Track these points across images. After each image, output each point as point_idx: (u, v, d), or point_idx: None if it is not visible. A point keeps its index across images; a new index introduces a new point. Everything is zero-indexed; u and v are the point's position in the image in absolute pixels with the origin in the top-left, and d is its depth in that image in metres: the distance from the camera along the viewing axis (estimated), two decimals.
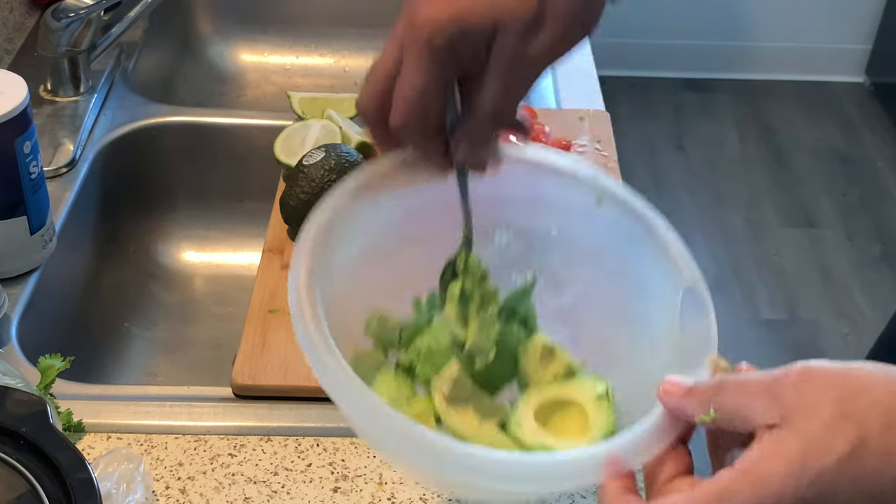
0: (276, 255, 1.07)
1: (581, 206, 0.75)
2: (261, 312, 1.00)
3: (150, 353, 1.25)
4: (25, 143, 0.99)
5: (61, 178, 1.20)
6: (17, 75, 1.01)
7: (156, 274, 1.34)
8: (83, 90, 1.30)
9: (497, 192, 0.74)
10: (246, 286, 1.23)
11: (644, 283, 0.73)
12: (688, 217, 2.87)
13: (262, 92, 1.63)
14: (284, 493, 0.86)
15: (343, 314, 0.69)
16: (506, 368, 0.74)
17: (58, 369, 0.89)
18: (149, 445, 0.89)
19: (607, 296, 0.76)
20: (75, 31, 1.25)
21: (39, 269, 1.07)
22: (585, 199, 0.75)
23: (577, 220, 0.76)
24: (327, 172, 1.08)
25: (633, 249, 0.74)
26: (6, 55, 1.37)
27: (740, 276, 2.71)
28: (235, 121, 1.34)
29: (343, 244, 0.70)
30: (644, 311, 0.73)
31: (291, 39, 1.67)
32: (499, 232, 0.76)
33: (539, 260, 0.77)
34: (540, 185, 0.75)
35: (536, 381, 0.73)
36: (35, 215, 1.03)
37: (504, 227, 0.76)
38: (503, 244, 0.77)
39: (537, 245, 0.77)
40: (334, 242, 0.69)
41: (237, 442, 0.90)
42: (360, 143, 1.18)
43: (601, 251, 0.75)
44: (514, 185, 0.74)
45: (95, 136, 1.27)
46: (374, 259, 0.73)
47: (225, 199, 1.37)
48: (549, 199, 0.76)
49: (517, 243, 0.77)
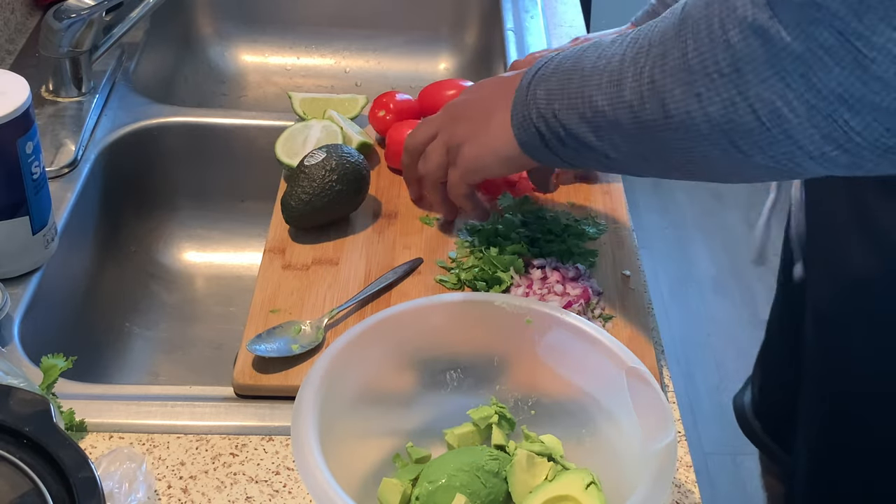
0: (277, 255, 1.07)
1: (515, 328, 0.88)
2: (262, 312, 1.00)
3: (151, 352, 1.25)
4: (27, 143, 0.99)
5: (63, 179, 1.20)
6: (19, 76, 1.01)
7: (157, 274, 1.34)
8: (85, 91, 1.30)
9: (443, 337, 0.88)
10: (247, 286, 1.23)
11: (591, 373, 0.84)
12: (687, 217, 2.87)
13: (263, 92, 1.63)
14: (286, 492, 0.86)
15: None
16: (502, 490, 0.84)
17: (60, 369, 0.89)
18: (151, 445, 0.90)
19: (564, 395, 0.87)
20: (77, 31, 1.25)
21: (41, 270, 1.07)
22: (517, 322, 0.88)
23: (512, 342, 0.88)
24: (328, 173, 1.08)
25: (569, 351, 0.86)
26: (8, 56, 1.37)
27: (740, 276, 2.71)
28: (236, 121, 1.34)
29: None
30: (599, 399, 0.84)
31: (292, 40, 1.67)
32: (449, 374, 0.88)
33: (489, 388, 0.89)
34: (476, 321, 0.88)
35: (530, 488, 0.83)
36: (37, 215, 1.04)
37: (452, 370, 0.88)
38: (454, 383, 0.89)
39: (485, 375, 0.89)
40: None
41: (239, 441, 0.90)
42: (361, 144, 1.19)
43: (540, 364, 0.88)
44: (455, 327, 0.88)
45: (97, 137, 1.27)
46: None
47: (226, 199, 1.37)
48: (489, 331, 0.88)
49: (467, 379, 0.89)
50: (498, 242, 1.06)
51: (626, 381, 0.81)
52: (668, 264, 2.75)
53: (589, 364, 0.84)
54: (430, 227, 1.11)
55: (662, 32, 0.81)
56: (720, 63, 0.75)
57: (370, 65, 1.66)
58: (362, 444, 0.84)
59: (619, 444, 0.82)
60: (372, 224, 1.12)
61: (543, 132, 0.92)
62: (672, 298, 2.65)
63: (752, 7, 0.72)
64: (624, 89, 0.83)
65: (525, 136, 0.94)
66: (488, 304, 0.88)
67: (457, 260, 1.07)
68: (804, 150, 0.74)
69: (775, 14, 0.71)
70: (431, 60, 1.67)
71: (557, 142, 0.91)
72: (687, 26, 0.77)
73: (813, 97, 0.71)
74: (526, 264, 1.05)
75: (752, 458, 2.24)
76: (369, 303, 1.02)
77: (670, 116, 0.79)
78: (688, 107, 0.78)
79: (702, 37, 0.76)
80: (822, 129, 0.72)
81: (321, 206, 1.08)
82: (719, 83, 0.75)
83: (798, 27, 0.70)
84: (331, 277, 1.05)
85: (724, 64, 0.74)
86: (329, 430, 0.78)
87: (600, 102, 0.85)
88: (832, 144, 0.72)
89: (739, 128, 0.75)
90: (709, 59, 0.75)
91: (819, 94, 0.71)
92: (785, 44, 0.70)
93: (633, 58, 0.83)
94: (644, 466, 0.76)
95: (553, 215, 1.12)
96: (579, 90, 0.87)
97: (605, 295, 1.03)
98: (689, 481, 0.89)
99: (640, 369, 0.81)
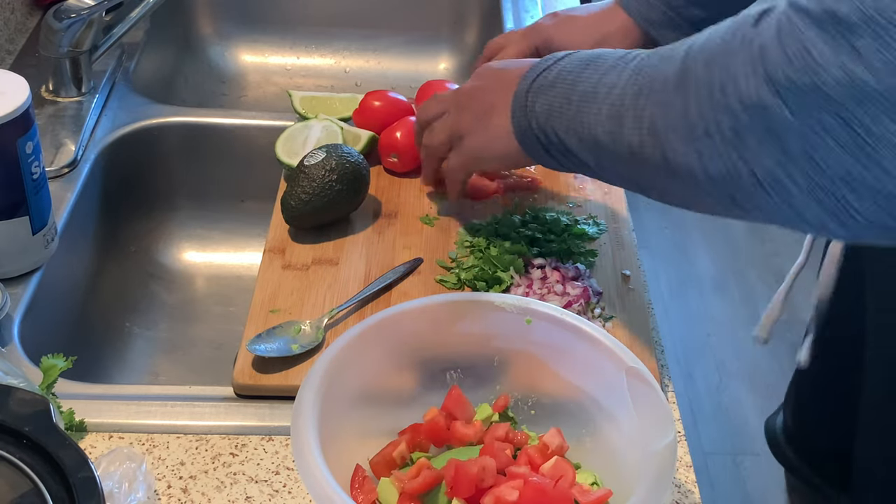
0: (277, 255, 1.07)
1: (514, 328, 0.88)
2: (262, 312, 1.00)
3: (151, 352, 1.25)
4: (27, 143, 0.99)
5: (63, 179, 1.20)
6: (19, 76, 1.01)
7: (157, 274, 1.34)
8: (85, 91, 1.30)
9: (443, 337, 0.88)
10: (247, 286, 1.23)
11: (592, 373, 0.84)
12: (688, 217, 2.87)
13: (263, 92, 1.63)
14: (286, 492, 0.86)
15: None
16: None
17: (60, 369, 0.89)
18: (150, 445, 0.90)
19: (564, 395, 0.87)
20: (77, 31, 1.25)
21: (41, 269, 1.07)
22: (517, 322, 0.88)
23: (512, 342, 0.88)
24: (328, 173, 1.08)
25: (569, 351, 0.86)
26: (8, 56, 1.37)
27: (740, 276, 2.71)
28: (236, 121, 1.34)
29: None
30: (599, 399, 0.84)
31: (292, 40, 1.67)
32: (449, 374, 0.88)
33: (489, 388, 0.89)
34: (476, 321, 0.88)
35: None
36: (37, 215, 1.04)
37: (452, 370, 0.88)
38: (454, 383, 0.88)
39: (485, 375, 0.89)
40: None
41: (238, 441, 0.90)
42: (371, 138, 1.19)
43: (540, 364, 0.88)
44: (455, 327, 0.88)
45: (97, 137, 1.27)
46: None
47: (226, 199, 1.37)
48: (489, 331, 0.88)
49: (467, 379, 0.89)
50: (498, 242, 1.06)
51: (626, 381, 0.81)
52: (668, 264, 2.75)
53: (589, 364, 0.84)
54: (430, 227, 1.11)
55: (664, 79, 0.79)
56: (722, 126, 0.73)
57: (370, 65, 1.66)
58: (362, 444, 0.84)
59: (619, 444, 0.82)
60: (372, 224, 1.12)
61: (544, 142, 0.92)
62: (672, 298, 2.65)
63: (755, 82, 0.70)
64: (624, 127, 0.82)
65: (527, 141, 0.94)
66: (488, 304, 0.88)
67: (457, 260, 1.07)
68: (804, 219, 0.72)
69: (778, 93, 0.69)
70: (431, 60, 1.67)
71: (559, 153, 0.92)
72: (689, 82, 0.76)
73: (815, 174, 0.69)
74: (526, 264, 1.05)
75: (753, 458, 2.25)
76: (369, 303, 1.02)
77: (670, 165, 0.79)
78: (688, 161, 0.77)
79: (703, 97, 0.74)
80: (824, 204, 0.70)
81: (321, 206, 1.08)
82: (720, 145, 0.74)
83: (801, 109, 0.68)
84: (331, 277, 1.05)
85: (725, 127, 0.73)
86: (329, 430, 0.78)
87: (600, 134, 0.85)
88: (833, 219, 0.71)
89: (740, 189, 0.74)
90: (710, 120, 0.74)
91: (822, 172, 0.69)
92: (788, 122, 0.69)
93: (634, 96, 0.82)
94: (644, 466, 0.76)
95: (553, 215, 1.12)
96: (577, 116, 0.87)
97: (605, 295, 1.03)
98: (689, 481, 0.89)
99: (640, 369, 0.81)
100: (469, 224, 1.10)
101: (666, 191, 0.83)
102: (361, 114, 1.22)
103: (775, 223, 0.76)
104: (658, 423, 0.78)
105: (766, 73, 0.69)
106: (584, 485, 0.81)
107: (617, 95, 0.83)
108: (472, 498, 0.78)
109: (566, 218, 1.12)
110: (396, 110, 1.21)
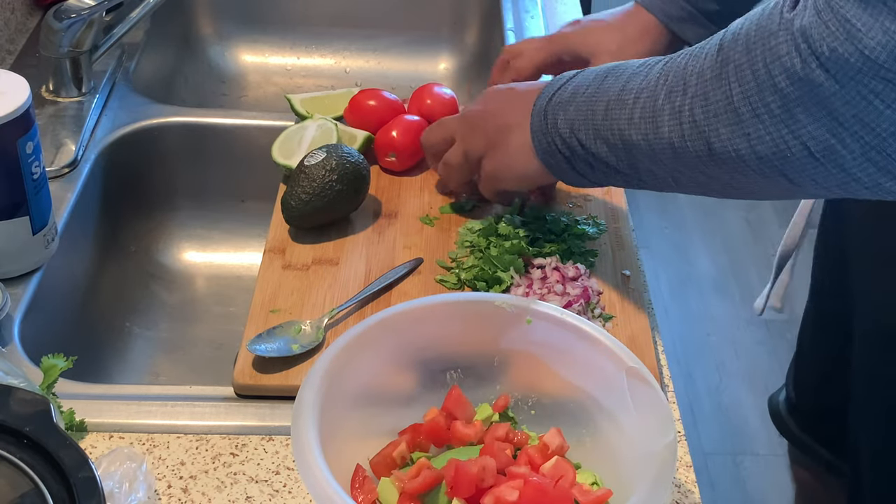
0: (277, 255, 1.07)
1: (514, 328, 0.87)
2: (262, 312, 1.00)
3: (151, 352, 1.25)
4: (28, 143, 1.00)
5: (63, 179, 1.20)
6: (20, 76, 1.01)
7: (157, 274, 1.34)
8: (85, 91, 1.30)
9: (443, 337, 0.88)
10: (247, 286, 1.23)
11: (592, 373, 0.84)
12: (687, 217, 2.87)
13: (264, 93, 1.63)
14: (286, 492, 0.86)
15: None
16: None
17: (60, 369, 0.89)
18: (151, 445, 0.90)
19: (564, 395, 0.86)
20: (77, 31, 1.25)
21: (41, 270, 1.07)
22: (517, 322, 0.87)
23: (512, 342, 0.88)
24: (328, 173, 1.08)
25: (569, 351, 0.86)
26: (8, 56, 1.37)
27: (740, 276, 2.71)
28: (236, 121, 1.34)
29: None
30: (599, 399, 0.84)
31: (292, 40, 1.67)
32: (449, 374, 0.88)
33: (489, 388, 0.89)
34: (476, 321, 0.88)
35: None
36: (37, 215, 1.04)
37: (452, 370, 0.88)
38: (455, 383, 0.88)
39: (485, 375, 0.89)
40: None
41: (239, 441, 0.91)
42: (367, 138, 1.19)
43: (540, 364, 0.87)
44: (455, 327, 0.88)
45: (97, 137, 1.27)
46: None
47: (226, 199, 1.37)
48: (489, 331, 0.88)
49: (467, 379, 0.88)
50: (498, 242, 1.06)
51: (626, 381, 0.81)
52: (668, 264, 2.75)
53: (589, 364, 0.84)
54: (430, 227, 1.11)
55: (699, 73, 0.81)
56: (770, 105, 0.76)
57: (370, 65, 1.66)
58: (362, 444, 0.84)
59: (619, 444, 0.82)
60: (372, 224, 1.12)
61: (570, 158, 0.94)
62: (672, 298, 2.65)
63: (799, 58, 0.73)
64: (661, 126, 0.84)
65: (552, 161, 0.96)
66: (488, 304, 0.88)
67: (457, 260, 1.07)
68: (859, 181, 0.75)
69: (822, 65, 0.72)
70: (431, 60, 1.67)
71: (585, 166, 0.94)
72: (729, 69, 0.79)
73: (867, 135, 0.72)
74: (526, 264, 1.05)
75: (752, 458, 2.25)
76: (369, 303, 1.02)
77: (716, 153, 0.81)
78: (736, 145, 0.79)
79: (747, 80, 0.77)
80: (878, 163, 0.73)
81: (321, 206, 1.08)
82: (769, 124, 0.76)
83: (848, 78, 0.71)
84: (331, 277, 1.05)
85: (774, 106, 0.75)
86: (329, 429, 0.78)
87: (634, 136, 0.87)
88: (888, 177, 0.74)
89: (791, 163, 0.77)
90: (757, 101, 0.76)
91: (873, 132, 0.72)
92: (835, 90, 0.72)
93: (667, 95, 0.84)
94: (644, 466, 0.76)
95: (553, 215, 1.12)
96: (605, 122, 0.89)
97: (605, 295, 1.03)
98: (689, 481, 0.89)
99: (640, 369, 0.81)
100: (469, 224, 1.10)
101: (710, 182, 0.84)
102: (354, 113, 1.22)
103: (827, 190, 0.78)
104: (658, 422, 0.78)
105: (810, 47, 0.72)
106: (584, 485, 0.81)
107: (647, 98, 0.86)
108: (472, 498, 0.78)
109: (566, 218, 1.12)
110: (389, 109, 1.21)
